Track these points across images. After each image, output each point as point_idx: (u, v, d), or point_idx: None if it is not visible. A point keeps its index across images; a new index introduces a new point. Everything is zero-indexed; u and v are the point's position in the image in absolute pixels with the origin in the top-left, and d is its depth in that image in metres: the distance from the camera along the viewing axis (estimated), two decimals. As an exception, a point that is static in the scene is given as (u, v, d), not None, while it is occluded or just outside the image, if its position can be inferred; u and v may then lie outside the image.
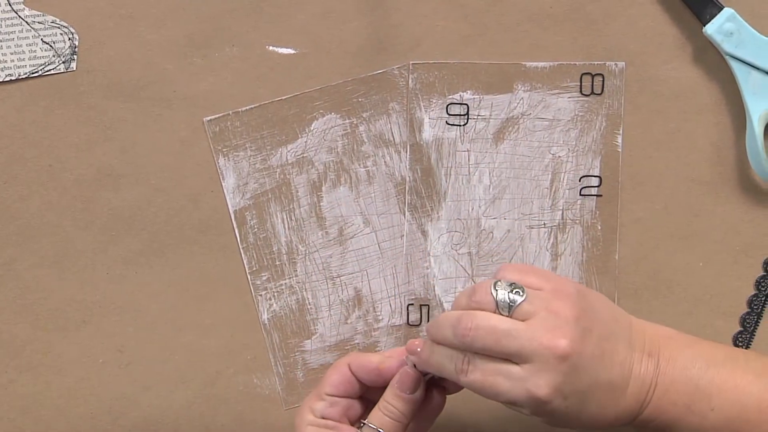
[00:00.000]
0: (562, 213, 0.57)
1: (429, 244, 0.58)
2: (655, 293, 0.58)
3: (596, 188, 0.57)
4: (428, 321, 0.57)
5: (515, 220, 0.57)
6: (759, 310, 0.58)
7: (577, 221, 0.58)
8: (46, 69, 0.57)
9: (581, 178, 0.57)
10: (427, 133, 0.57)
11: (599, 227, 0.57)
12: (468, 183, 0.57)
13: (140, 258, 0.58)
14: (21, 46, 0.56)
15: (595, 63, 0.57)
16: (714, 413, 0.46)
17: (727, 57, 0.56)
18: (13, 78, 0.57)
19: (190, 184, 0.57)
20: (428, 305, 0.58)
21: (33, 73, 0.57)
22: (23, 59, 0.57)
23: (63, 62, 0.57)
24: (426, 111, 0.57)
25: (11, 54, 0.56)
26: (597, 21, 0.57)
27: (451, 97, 0.57)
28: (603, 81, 0.57)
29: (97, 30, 0.56)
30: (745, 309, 0.58)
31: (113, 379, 0.58)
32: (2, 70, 0.56)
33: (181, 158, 0.57)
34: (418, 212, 0.57)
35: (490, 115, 0.57)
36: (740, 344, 0.58)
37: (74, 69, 0.57)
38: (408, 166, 0.57)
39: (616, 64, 0.57)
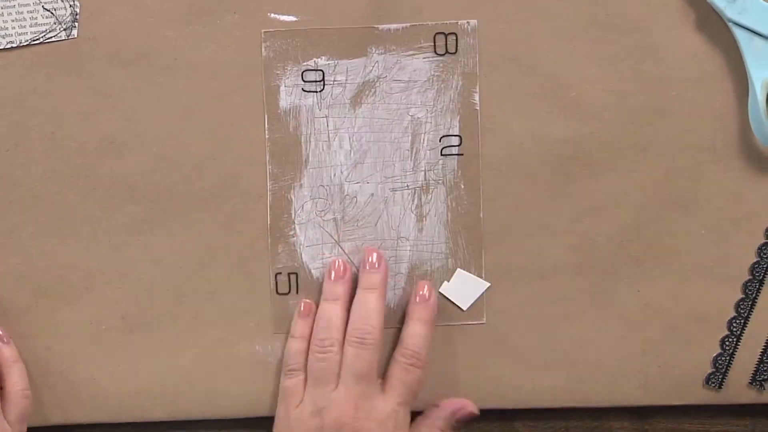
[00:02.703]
0: (425, 174, 0.58)
1: (293, 212, 0.58)
2: (656, 261, 0.58)
3: (457, 147, 0.58)
4: (297, 290, 0.58)
5: (378, 183, 0.58)
6: (761, 277, 0.58)
7: (440, 181, 0.58)
8: (47, 36, 0.57)
9: (441, 138, 0.58)
10: (284, 102, 0.57)
11: (462, 186, 0.58)
12: (328, 149, 0.57)
13: (143, 226, 0.58)
14: (22, 13, 0.56)
15: (448, 22, 0.57)
16: None
17: (730, 24, 0.56)
18: (14, 45, 0.57)
19: (192, 152, 0.57)
20: (296, 273, 0.58)
21: (34, 41, 0.57)
22: (24, 26, 0.56)
23: (64, 30, 0.57)
24: (281, 79, 0.57)
25: (12, 21, 0.56)
26: (599, -12, 0.57)
27: (305, 63, 0.57)
28: (456, 40, 0.57)
29: (99, -3, 0.57)
30: (747, 276, 0.58)
31: (115, 345, 0.58)
32: (3, 38, 0.56)
33: (183, 126, 0.57)
34: (280, 181, 0.57)
35: (346, 80, 0.57)
36: (742, 311, 0.58)
37: (75, 36, 0.57)
38: (267, 136, 0.57)
39: (468, 22, 0.57)
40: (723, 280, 0.58)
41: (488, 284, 0.58)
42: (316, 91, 0.57)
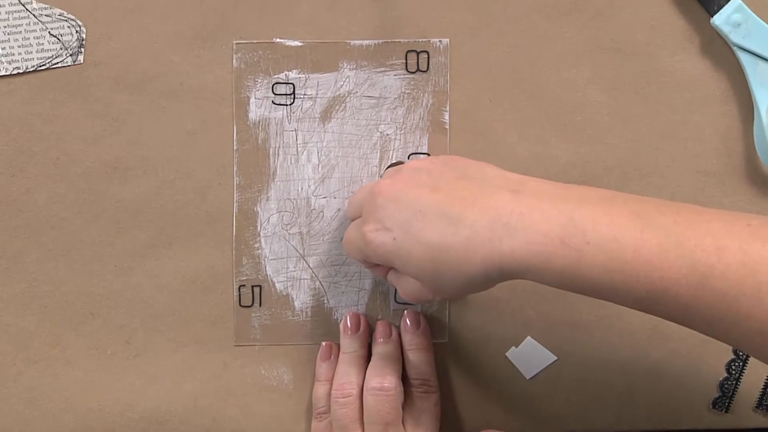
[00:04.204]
0: None
1: (259, 224, 0.58)
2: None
3: None
4: (260, 303, 0.58)
5: (345, 198, 0.58)
6: (767, 302, 0.58)
7: None
8: (53, 62, 0.57)
9: (410, 155, 0.58)
10: (254, 113, 0.57)
11: None
12: (297, 163, 0.58)
13: (148, 250, 0.58)
14: (28, 39, 0.57)
15: (420, 40, 0.57)
16: (590, 247, 0.41)
17: (734, 48, 0.56)
18: (20, 71, 0.57)
19: (197, 177, 0.57)
20: (260, 286, 0.58)
21: (40, 66, 0.57)
22: (31, 52, 0.57)
23: (70, 55, 0.57)
24: (252, 91, 0.57)
25: (19, 47, 0.57)
26: (603, 12, 0.57)
27: (276, 76, 0.57)
28: (428, 58, 0.57)
29: (104, 23, 0.57)
30: (752, 300, 0.58)
31: (121, 371, 0.58)
32: (10, 63, 0.57)
33: (188, 150, 0.57)
34: (247, 193, 0.58)
35: (317, 94, 0.57)
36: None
37: (81, 62, 0.57)
38: (235, 147, 0.57)
39: (440, 41, 0.57)
40: (729, 304, 0.58)
41: (555, 357, 0.58)
42: (286, 104, 0.57)
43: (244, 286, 0.58)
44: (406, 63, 0.57)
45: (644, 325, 0.58)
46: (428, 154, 0.58)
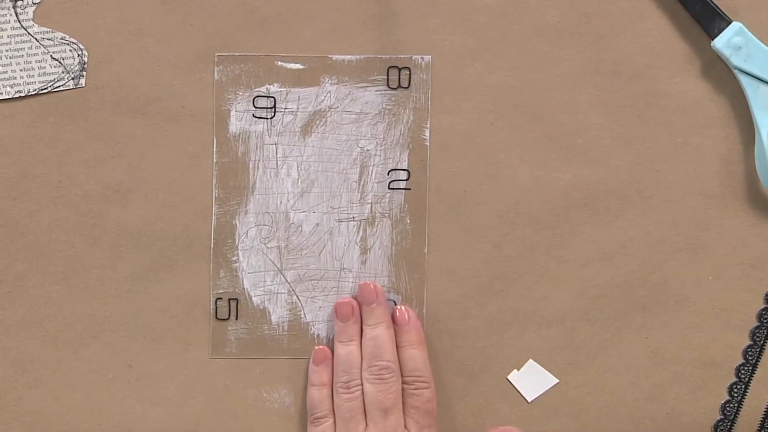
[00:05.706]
0: (371, 206, 0.58)
1: (237, 237, 0.58)
2: (664, 307, 0.58)
3: (404, 182, 0.58)
4: (237, 317, 0.58)
5: (324, 213, 0.58)
6: (769, 324, 0.58)
7: (386, 215, 0.58)
8: (55, 85, 0.57)
9: (389, 171, 0.58)
10: (234, 126, 0.57)
11: (408, 221, 0.58)
12: (276, 176, 0.58)
13: (149, 273, 0.58)
14: (30, 62, 0.57)
15: (402, 56, 0.57)
16: None
17: (735, 71, 0.56)
18: (22, 94, 0.57)
19: (198, 200, 0.57)
20: (237, 299, 0.58)
21: (42, 90, 0.57)
22: (32, 76, 0.57)
23: (72, 79, 0.57)
24: (232, 104, 0.57)
25: (20, 70, 0.57)
26: (604, 35, 0.57)
27: (257, 89, 0.57)
28: (410, 74, 0.57)
29: (106, 46, 0.57)
30: (754, 323, 0.58)
31: (122, 394, 0.58)
32: (12, 87, 0.57)
33: (190, 173, 0.57)
34: (225, 206, 0.58)
35: (298, 108, 0.57)
36: (750, 358, 0.58)
37: (83, 85, 0.57)
38: (215, 160, 0.57)
39: (422, 57, 0.57)
40: (731, 327, 0.58)
41: (557, 380, 0.58)
42: (267, 118, 0.57)
43: (221, 299, 0.58)
44: (388, 79, 0.58)
45: (646, 348, 0.58)
46: (408, 171, 0.58)
